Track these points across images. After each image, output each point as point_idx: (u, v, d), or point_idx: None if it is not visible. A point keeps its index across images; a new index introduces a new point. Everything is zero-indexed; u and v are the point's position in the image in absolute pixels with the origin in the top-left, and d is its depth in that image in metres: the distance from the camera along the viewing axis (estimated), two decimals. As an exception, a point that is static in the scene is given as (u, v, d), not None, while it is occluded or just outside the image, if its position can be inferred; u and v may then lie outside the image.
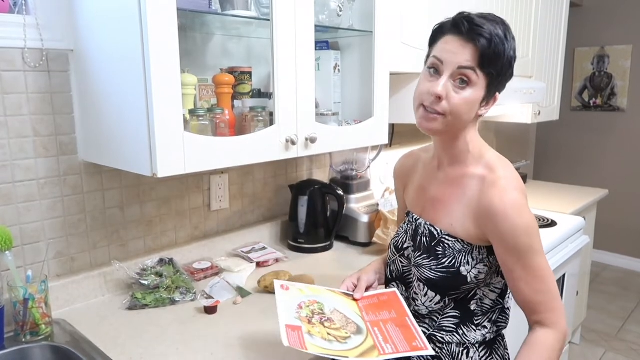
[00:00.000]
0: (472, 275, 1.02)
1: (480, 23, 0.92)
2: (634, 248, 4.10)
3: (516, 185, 0.99)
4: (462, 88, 0.94)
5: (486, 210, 0.97)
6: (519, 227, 0.95)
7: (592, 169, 4.25)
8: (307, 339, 0.93)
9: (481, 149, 1.05)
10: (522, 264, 0.97)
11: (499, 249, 0.99)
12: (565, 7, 2.79)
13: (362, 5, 1.56)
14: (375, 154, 2.06)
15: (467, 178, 1.03)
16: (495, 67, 0.93)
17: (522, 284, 0.99)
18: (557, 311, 1.00)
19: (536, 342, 1.00)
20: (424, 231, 1.09)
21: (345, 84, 1.67)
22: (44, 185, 1.27)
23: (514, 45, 0.96)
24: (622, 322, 3.24)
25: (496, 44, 0.91)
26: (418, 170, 1.18)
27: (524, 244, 0.96)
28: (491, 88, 0.97)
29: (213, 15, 1.28)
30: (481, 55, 0.92)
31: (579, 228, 2.25)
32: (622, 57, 3.97)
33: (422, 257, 1.07)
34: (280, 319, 0.97)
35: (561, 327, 1.01)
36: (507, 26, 0.96)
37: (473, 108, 0.98)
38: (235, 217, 1.76)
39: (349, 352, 0.93)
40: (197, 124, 1.20)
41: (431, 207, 1.09)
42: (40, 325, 1.16)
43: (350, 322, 1.03)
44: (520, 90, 2.13)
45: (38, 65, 1.22)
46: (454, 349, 1.08)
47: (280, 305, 1.02)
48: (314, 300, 1.08)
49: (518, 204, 0.96)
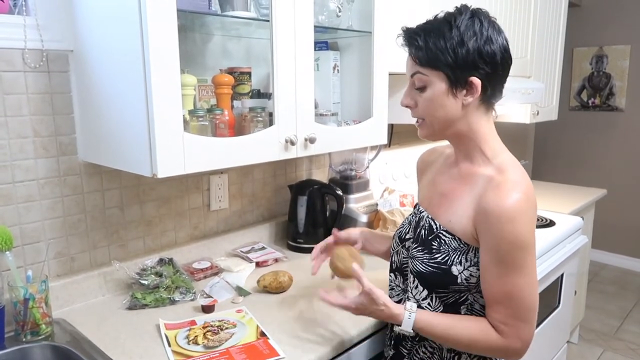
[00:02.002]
0: (462, 277, 1.00)
1: (415, 31, 1.00)
2: (632, 247, 4.11)
3: (523, 190, 0.94)
4: (421, 90, 1.01)
5: (483, 210, 0.96)
6: (505, 232, 0.92)
7: (590, 169, 4.26)
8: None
9: (495, 149, 1.04)
10: (496, 272, 0.95)
11: (482, 248, 0.98)
12: (564, 7, 2.80)
13: (361, 5, 1.56)
14: (374, 154, 2.06)
15: (476, 177, 1.02)
16: (437, 61, 0.96)
17: (489, 287, 0.98)
18: (511, 328, 0.96)
19: (480, 321, 0.99)
20: (425, 224, 1.09)
21: (345, 84, 1.67)
22: (44, 186, 1.28)
23: (472, 29, 0.95)
24: (620, 322, 3.25)
25: (428, 41, 0.96)
26: (436, 165, 1.19)
27: (504, 252, 0.93)
28: (454, 77, 0.96)
29: (213, 16, 1.28)
30: (417, 59, 0.99)
31: (577, 228, 2.26)
32: (621, 57, 3.97)
33: (417, 250, 1.08)
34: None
35: (506, 339, 0.97)
36: (455, 16, 0.97)
37: (440, 103, 0.99)
38: (235, 217, 1.76)
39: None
40: (197, 124, 1.21)
41: (437, 201, 1.10)
42: (41, 325, 1.16)
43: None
44: (519, 90, 2.14)
45: (38, 65, 1.23)
46: (444, 354, 1.09)
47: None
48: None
49: (515, 210, 0.92)
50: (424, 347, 1.10)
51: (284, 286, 1.42)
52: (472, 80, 0.97)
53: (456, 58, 0.95)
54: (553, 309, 2.19)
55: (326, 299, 1.09)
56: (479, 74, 0.97)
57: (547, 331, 2.13)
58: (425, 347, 1.10)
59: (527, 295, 0.95)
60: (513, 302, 0.95)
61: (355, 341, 1.22)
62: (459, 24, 0.96)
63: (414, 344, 1.12)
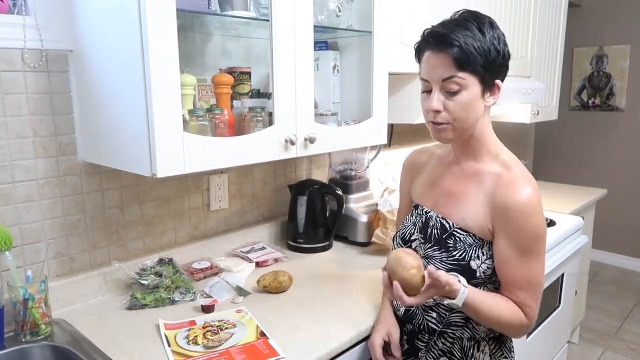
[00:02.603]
0: (481, 270, 1.05)
1: (447, 32, 0.97)
2: (633, 248, 4.10)
3: (533, 184, 1.02)
4: (455, 94, 0.99)
5: (501, 207, 1.01)
6: (527, 226, 0.99)
7: (591, 169, 4.25)
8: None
9: (497, 147, 1.08)
10: (518, 262, 1.02)
11: (501, 241, 1.02)
12: (564, 7, 2.80)
13: (361, 5, 1.56)
14: (374, 154, 2.06)
15: (483, 174, 1.06)
16: (476, 64, 0.97)
17: (512, 276, 1.04)
18: (531, 309, 1.05)
19: (508, 302, 1.05)
20: (435, 224, 1.11)
21: (345, 85, 1.67)
22: (44, 186, 1.27)
23: (496, 33, 0.99)
24: (620, 322, 3.24)
25: (468, 44, 0.95)
26: (430, 166, 1.21)
27: (527, 243, 1.00)
28: (486, 80, 1.00)
29: (212, 16, 1.28)
30: (456, 61, 0.96)
31: (577, 228, 2.25)
32: (621, 57, 3.97)
33: (432, 249, 1.09)
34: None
35: (529, 320, 1.05)
36: (481, 18, 0.99)
37: (474, 106, 1.01)
38: (235, 217, 1.76)
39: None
40: (197, 124, 1.21)
41: (444, 201, 1.11)
42: (40, 325, 1.16)
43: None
44: (519, 91, 2.14)
45: (38, 65, 1.23)
46: (465, 344, 1.11)
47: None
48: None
49: (532, 204, 1.00)
50: (443, 339, 1.12)
51: (284, 286, 1.42)
52: (498, 83, 1.02)
53: (491, 61, 0.98)
54: (554, 309, 2.19)
55: (408, 302, 1.00)
56: (502, 76, 1.02)
57: (547, 331, 2.13)
58: (445, 338, 1.12)
59: (542, 279, 1.05)
60: (533, 286, 1.03)
61: (356, 341, 1.21)
62: (486, 28, 0.98)
63: (432, 337, 1.13)
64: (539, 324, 2.03)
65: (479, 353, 1.10)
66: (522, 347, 1.88)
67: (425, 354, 1.14)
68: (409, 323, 1.17)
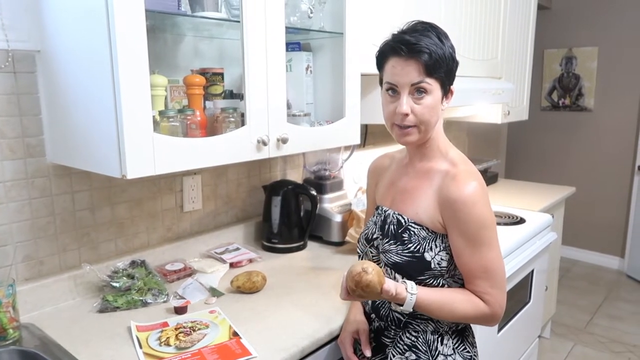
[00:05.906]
0: (435, 261, 1.09)
1: (416, 40, 1.03)
2: (602, 244, 4.22)
3: (475, 178, 1.09)
4: (421, 98, 1.06)
5: (446, 199, 1.07)
6: (472, 215, 1.05)
7: (560, 167, 4.36)
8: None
9: (446, 146, 1.16)
10: (471, 252, 1.06)
11: (453, 234, 1.08)
12: (533, 9, 2.87)
13: (332, 7, 1.58)
14: (348, 154, 2.08)
15: (433, 172, 1.13)
16: (441, 70, 1.05)
17: (467, 265, 1.08)
18: (491, 296, 1.08)
19: (465, 293, 1.09)
20: (392, 220, 1.16)
21: (318, 85, 1.68)
22: (11, 188, 1.25)
23: (450, 42, 1.08)
24: (590, 316, 3.34)
25: (434, 52, 1.03)
26: (391, 169, 1.27)
27: (475, 233, 1.05)
28: (445, 85, 1.08)
29: (183, 17, 1.28)
30: (426, 67, 1.03)
31: (546, 225, 2.31)
32: (589, 59, 4.08)
33: (389, 243, 1.14)
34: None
35: (491, 307, 1.08)
36: (437, 28, 1.08)
37: (436, 109, 1.08)
38: (209, 218, 1.76)
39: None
40: (167, 125, 1.20)
41: (400, 198, 1.17)
42: (8, 329, 1.14)
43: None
44: (489, 91, 2.18)
45: (3, 66, 1.21)
46: (429, 337, 1.14)
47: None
48: None
49: (475, 195, 1.05)
50: (408, 332, 1.15)
51: (258, 286, 1.43)
52: (452, 88, 1.11)
53: (450, 68, 1.07)
54: (524, 305, 2.24)
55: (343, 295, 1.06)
56: (453, 82, 1.11)
57: (518, 326, 2.18)
58: (409, 332, 1.15)
59: (498, 266, 1.09)
60: (489, 273, 1.07)
61: (326, 340, 1.23)
62: (443, 37, 1.06)
63: (397, 331, 1.16)
64: (510, 319, 2.08)
65: (442, 346, 1.14)
66: (493, 342, 1.92)
67: (392, 349, 1.16)
68: (376, 315, 1.20)
